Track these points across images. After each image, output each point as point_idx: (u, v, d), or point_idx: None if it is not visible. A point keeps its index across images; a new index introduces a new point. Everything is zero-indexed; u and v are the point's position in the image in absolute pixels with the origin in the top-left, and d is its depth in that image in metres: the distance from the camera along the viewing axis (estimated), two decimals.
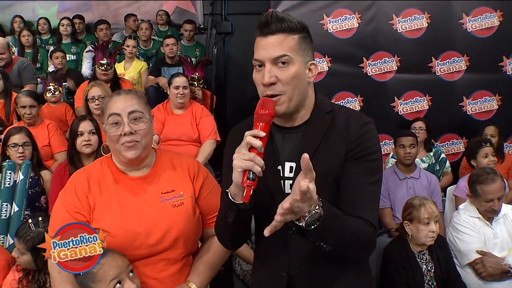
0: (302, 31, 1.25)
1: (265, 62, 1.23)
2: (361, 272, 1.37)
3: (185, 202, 1.61)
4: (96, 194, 1.57)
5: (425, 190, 3.32)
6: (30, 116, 3.41)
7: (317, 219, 1.09)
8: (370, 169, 1.25)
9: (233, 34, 6.20)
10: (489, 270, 2.41)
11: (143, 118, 1.57)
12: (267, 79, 1.21)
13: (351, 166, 1.24)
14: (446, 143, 4.44)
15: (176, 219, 1.58)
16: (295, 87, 1.24)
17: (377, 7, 4.37)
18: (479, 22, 4.30)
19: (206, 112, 3.88)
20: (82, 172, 1.66)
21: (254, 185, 1.12)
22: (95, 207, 1.56)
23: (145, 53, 5.39)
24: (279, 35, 1.22)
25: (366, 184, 1.24)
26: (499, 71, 4.34)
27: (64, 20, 5.39)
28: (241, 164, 1.12)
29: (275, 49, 1.21)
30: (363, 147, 1.25)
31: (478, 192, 2.54)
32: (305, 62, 1.26)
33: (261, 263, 1.42)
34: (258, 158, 1.12)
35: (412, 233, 2.37)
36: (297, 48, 1.23)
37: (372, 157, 1.26)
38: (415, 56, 4.35)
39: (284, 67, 1.22)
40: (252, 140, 1.13)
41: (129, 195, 1.59)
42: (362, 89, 4.42)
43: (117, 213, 1.55)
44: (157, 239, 1.55)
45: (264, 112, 1.17)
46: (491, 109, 4.37)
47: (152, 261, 1.58)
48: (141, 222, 1.55)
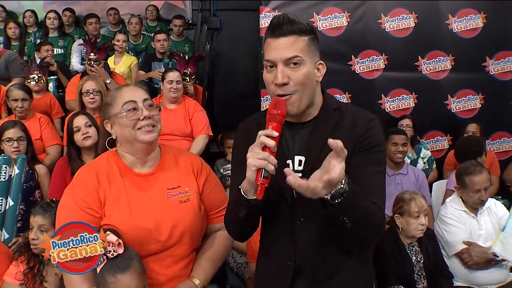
0: (311, 33, 1.31)
1: (277, 63, 1.27)
2: (363, 262, 1.42)
3: (191, 198, 1.65)
4: (106, 188, 1.58)
5: (413, 186, 3.42)
6: (22, 110, 3.38)
7: (341, 193, 1.14)
8: (377, 160, 1.32)
9: (221, 30, 6.23)
10: (474, 259, 2.53)
11: (154, 105, 1.62)
12: (280, 79, 1.26)
13: (360, 157, 1.30)
14: (431, 140, 4.55)
15: (183, 215, 1.61)
16: (306, 86, 1.29)
17: (366, 6, 4.43)
18: (464, 23, 4.41)
19: (198, 107, 3.91)
20: (89, 167, 1.66)
21: (267, 183, 1.17)
22: (105, 202, 1.57)
23: (134, 48, 5.36)
24: (291, 36, 1.27)
25: (374, 173, 1.31)
26: (483, 71, 4.45)
27: (51, 13, 5.31)
28: (255, 163, 1.16)
29: (287, 50, 1.26)
30: (370, 140, 1.31)
31: (466, 183, 2.64)
32: (314, 62, 1.31)
33: (267, 253, 1.46)
34: (272, 157, 1.17)
35: (402, 226, 2.47)
36: (307, 49, 1.29)
37: (378, 149, 1.33)
38: (402, 54, 4.43)
39: (296, 68, 1.27)
40: (266, 140, 1.17)
41: (136, 191, 1.60)
42: (350, 86, 4.47)
43: (126, 209, 1.56)
44: (165, 235, 1.58)
45: (277, 112, 1.22)
46: (474, 108, 4.49)
47: (159, 257, 1.60)
48: (149, 218, 1.57)
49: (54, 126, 3.61)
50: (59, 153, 3.41)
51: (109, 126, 1.63)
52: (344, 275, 1.36)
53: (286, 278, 1.37)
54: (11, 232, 2.56)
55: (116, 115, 1.59)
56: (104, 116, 1.65)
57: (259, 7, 4.46)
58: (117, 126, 1.60)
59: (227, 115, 5.90)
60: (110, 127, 1.64)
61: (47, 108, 3.94)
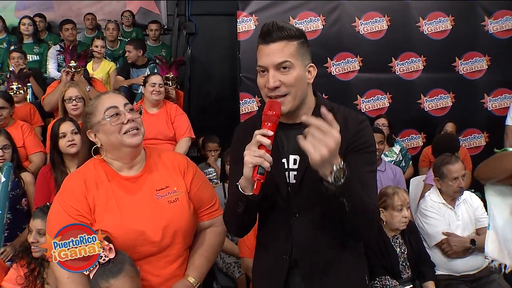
0: (300, 37, 1.39)
1: (268, 68, 1.36)
2: (357, 256, 1.50)
3: (179, 198, 1.66)
4: (94, 194, 1.58)
5: (391, 182, 3.54)
6: (1, 118, 3.32)
7: (343, 174, 1.19)
8: (368, 160, 1.41)
9: (196, 35, 6.28)
10: (454, 248, 2.67)
11: (134, 109, 1.65)
12: (271, 83, 1.34)
13: (352, 157, 1.38)
14: (405, 138, 4.73)
15: (173, 215, 1.63)
16: (297, 88, 1.37)
17: (340, 10, 4.58)
18: (434, 25, 4.63)
19: (180, 110, 3.94)
20: (77, 174, 1.66)
21: (263, 178, 1.25)
22: (95, 208, 1.57)
23: (112, 53, 5.34)
24: (280, 42, 1.35)
25: (366, 172, 1.39)
26: (453, 71, 4.67)
27: (25, 19, 5.20)
28: (252, 160, 1.24)
29: (277, 55, 1.34)
30: (361, 141, 1.40)
31: (445, 173, 2.79)
32: (304, 65, 1.39)
33: (264, 248, 1.53)
34: (267, 155, 1.25)
35: (386, 219, 2.58)
36: (296, 54, 1.36)
37: (369, 150, 1.41)
38: (376, 56, 4.60)
39: (286, 72, 1.35)
40: (262, 139, 1.25)
41: (125, 195, 1.61)
42: (327, 88, 4.54)
43: (117, 213, 1.57)
44: (158, 236, 1.59)
45: (272, 113, 1.30)
46: (446, 106, 4.70)
47: (154, 259, 1.61)
48: (140, 220, 1.58)
49: (36, 134, 3.56)
50: (43, 161, 3.37)
51: (93, 135, 1.64)
52: (339, 268, 1.44)
53: (282, 271, 1.44)
54: None
55: (99, 123, 1.60)
56: (86, 126, 1.65)
57: (237, 11, 4.53)
58: (101, 134, 1.61)
59: (204, 119, 5.96)
60: (93, 136, 1.63)
61: (27, 117, 3.89)
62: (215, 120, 5.71)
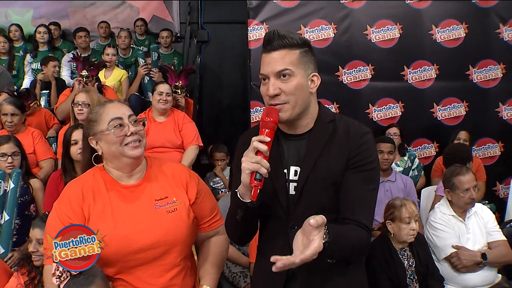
0: (303, 46, 1.38)
1: (269, 76, 1.36)
2: (356, 269, 1.48)
3: (178, 208, 1.66)
4: (90, 204, 1.60)
5: (401, 192, 3.49)
6: (12, 124, 3.39)
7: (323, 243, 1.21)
8: (368, 178, 1.38)
9: (209, 43, 6.32)
10: (463, 262, 2.60)
11: (138, 121, 1.66)
12: (271, 91, 1.35)
13: (351, 174, 1.37)
14: (418, 147, 4.64)
15: (171, 225, 1.63)
16: (298, 97, 1.36)
17: (352, 18, 4.53)
18: (447, 33, 4.54)
19: (187, 118, 3.95)
20: (75, 183, 1.68)
21: (260, 185, 1.25)
22: (89, 217, 1.59)
23: (124, 61, 5.40)
24: (281, 51, 1.35)
25: (364, 191, 1.37)
26: (466, 79, 4.58)
27: (41, 28, 5.33)
28: (248, 167, 1.25)
29: (278, 64, 1.35)
30: (363, 156, 1.37)
31: (456, 184, 2.72)
32: (306, 74, 1.38)
33: (264, 258, 1.51)
34: (264, 161, 1.25)
35: (394, 231, 2.53)
36: (298, 62, 1.36)
37: (370, 167, 1.39)
38: (388, 64, 4.53)
39: (286, 80, 1.35)
40: (259, 145, 1.26)
41: (123, 203, 1.62)
42: (338, 96, 4.55)
43: (111, 222, 1.58)
44: (154, 244, 1.59)
45: (269, 119, 1.31)
46: (459, 115, 4.60)
47: (150, 267, 1.61)
48: (136, 228, 1.58)
49: (47, 140, 3.61)
50: (53, 167, 3.42)
51: (94, 142, 1.65)
52: (337, 282, 1.42)
53: (279, 282, 1.43)
54: (6, 246, 2.56)
55: (102, 132, 1.60)
56: (88, 132, 1.66)
57: (247, 20, 4.53)
58: (103, 143, 1.62)
59: (216, 127, 5.98)
60: (95, 144, 1.65)
61: (42, 124, 3.97)
62: (227, 128, 5.73)
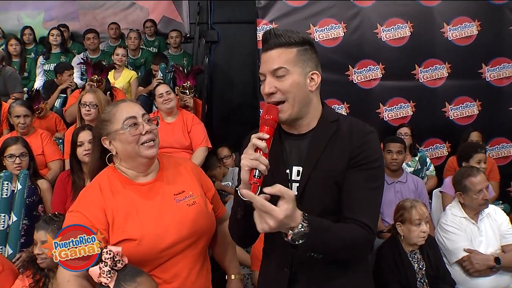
0: (302, 44, 1.37)
1: (266, 75, 1.36)
2: (359, 272, 1.45)
3: (197, 201, 1.68)
4: (112, 204, 1.58)
5: (412, 194, 3.42)
6: (24, 126, 3.43)
7: (302, 236, 1.19)
8: (371, 176, 1.35)
9: (219, 43, 6.31)
10: (476, 266, 2.53)
11: (151, 120, 1.65)
12: (266, 89, 1.35)
13: (354, 173, 1.34)
14: (430, 147, 4.57)
15: (194, 217, 1.64)
16: (295, 95, 1.35)
17: (362, 17, 4.48)
18: (459, 31, 4.46)
19: (196, 120, 3.94)
20: (93, 186, 1.64)
21: (260, 182, 1.22)
22: (113, 220, 1.56)
23: (133, 62, 5.41)
24: (277, 49, 1.35)
25: (367, 190, 1.33)
26: (479, 78, 4.50)
27: (54, 30, 5.39)
28: (247, 163, 1.23)
29: (273, 62, 1.35)
30: (365, 155, 1.34)
31: (468, 186, 2.65)
32: (304, 72, 1.36)
33: (268, 259, 1.52)
34: (263, 157, 1.22)
35: (404, 233, 2.48)
36: (295, 60, 1.35)
37: (374, 165, 1.35)
38: (399, 63, 4.47)
39: (281, 78, 1.35)
40: (257, 142, 1.24)
41: (143, 200, 1.61)
42: (348, 96, 4.51)
43: (138, 221, 1.57)
44: (183, 237, 1.60)
45: (269, 117, 1.29)
46: (472, 114, 4.52)
47: (180, 258, 1.61)
48: (163, 224, 1.58)
49: (55, 142, 3.64)
50: (61, 168, 3.44)
51: (107, 142, 1.63)
52: (339, 283, 1.39)
53: (283, 284, 1.41)
54: (14, 247, 2.56)
55: (116, 131, 1.59)
56: (101, 132, 1.64)
57: (256, 19, 4.51)
58: (117, 142, 1.61)
59: (226, 126, 5.96)
60: (108, 144, 1.63)
61: (52, 127, 4.02)
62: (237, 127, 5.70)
